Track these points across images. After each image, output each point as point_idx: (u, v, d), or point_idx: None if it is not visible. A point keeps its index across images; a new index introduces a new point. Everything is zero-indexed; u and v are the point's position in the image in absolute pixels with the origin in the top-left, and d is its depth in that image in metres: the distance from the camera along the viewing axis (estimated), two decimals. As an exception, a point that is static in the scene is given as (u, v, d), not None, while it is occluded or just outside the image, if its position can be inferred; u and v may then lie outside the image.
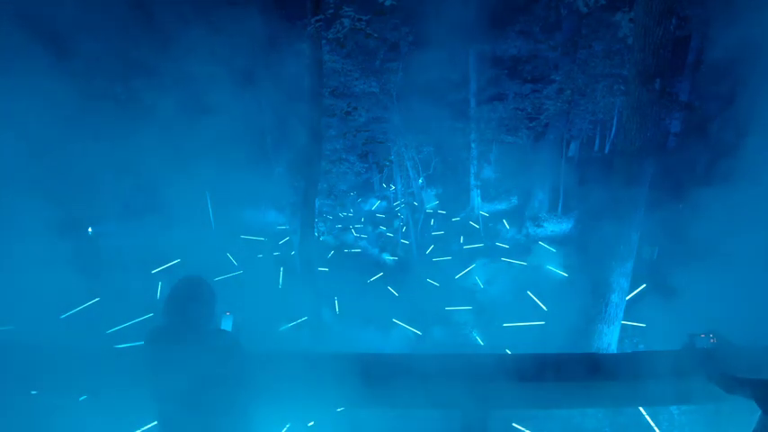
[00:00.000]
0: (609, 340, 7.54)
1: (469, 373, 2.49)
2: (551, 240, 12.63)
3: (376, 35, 8.95)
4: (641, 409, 6.71)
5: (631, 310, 8.38)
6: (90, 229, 11.92)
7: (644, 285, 9.39)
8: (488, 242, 13.23)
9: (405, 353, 8.52)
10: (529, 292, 10.31)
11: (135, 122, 10.38)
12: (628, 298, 7.64)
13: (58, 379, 2.67)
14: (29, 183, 9.74)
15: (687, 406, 6.72)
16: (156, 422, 2.42)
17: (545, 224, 13.45)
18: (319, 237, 12.24)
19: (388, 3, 7.42)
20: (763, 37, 7.73)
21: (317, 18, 7.36)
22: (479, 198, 15.08)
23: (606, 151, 15.53)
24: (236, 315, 2.66)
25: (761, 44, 7.92)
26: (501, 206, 15.78)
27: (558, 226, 13.53)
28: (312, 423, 7.17)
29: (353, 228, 14.41)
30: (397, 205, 15.72)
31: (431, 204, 16.37)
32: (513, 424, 6.76)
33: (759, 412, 2.17)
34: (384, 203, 17.01)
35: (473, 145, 14.46)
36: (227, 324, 2.63)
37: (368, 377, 2.49)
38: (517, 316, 9.78)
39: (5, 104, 9.22)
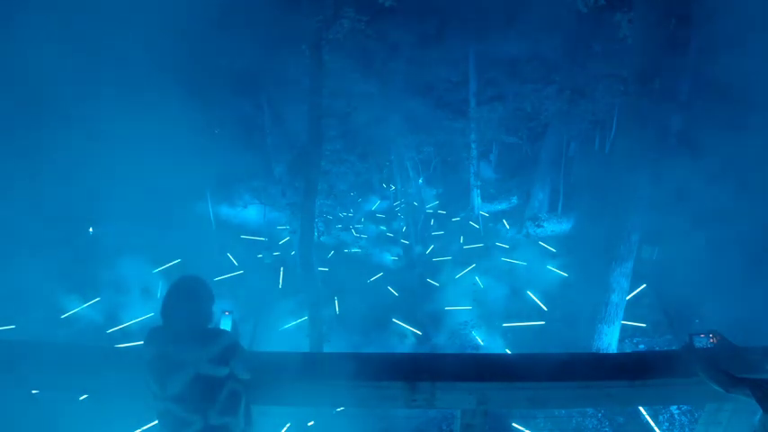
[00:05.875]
0: (609, 340, 7.55)
1: (469, 373, 2.48)
2: (551, 240, 12.63)
3: (375, 36, 8.96)
4: (641, 409, 6.72)
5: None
6: (91, 230, 11.92)
7: (644, 285, 9.39)
8: (488, 242, 13.22)
9: (403, 353, 8.53)
10: (529, 292, 10.31)
11: (134, 123, 10.37)
12: (628, 298, 7.64)
13: (58, 378, 2.66)
14: (30, 183, 9.76)
15: (687, 406, 6.74)
16: (156, 422, 2.41)
17: (545, 224, 13.43)
18: (319, 237, 12.23)
19: (387, 3, 7.42)
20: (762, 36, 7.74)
21: (318, 19, 7.36)
22: (479, 198, 15.07)
23: (606, 151, 15.51)
24: (236, 315, 2.65)
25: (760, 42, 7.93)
26: (501, 206, 15.77)
27: (558, 226, 13.52)
28: (312, 423, 7.18)
29: (353, 228, 14.40)
30: (397, 205, 15.70)
31: (431, 204, 16.37)
32: (513, 424, 6.77)
33: (760, 412, 2.17)
34: (384, 203, 17.00)
35: (473, 145, 14.45)
36: (226, 324, 2.63)
37: (367, 377, 2.49)
38: (517, 316, 9.78)
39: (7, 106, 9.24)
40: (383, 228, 15.42)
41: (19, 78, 9.16)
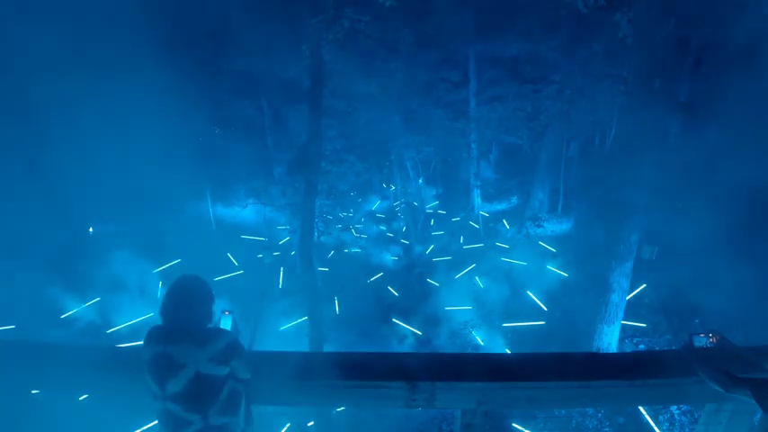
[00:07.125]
0: (609, 340, 7.54)
1: (469, 373, 2.48)
2: (551, 240, 12.62)
3: (375, 36, 8.95)
4: (641, 409, 6.72)
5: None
6: (91, 229, 11.93)
7: (644, 285, 9.38)
8: (488, 242, 13.21)
9: (403, 353, 8.53)
10: (529, 292, 10.31)
11: (135, 123, 10.38)
12: (628, 298, 7.64)
13: (58, 378, 2.66)
14: (30, 183, 9.77)
15: (687, 406, 6.74)
16: (156, 422, 2.41)
17: (545, 224, 13.43)
18: (319, 237, 12.24)
19: (387, 3, 7.41)
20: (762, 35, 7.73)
21: (317, 19, 7.35)
22: (479, 198, 15.07)
23: (606, 151, 15.52)
24: (236, 315, 2.65)
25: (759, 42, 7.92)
26: (501, 206, 15.77)
27: (558, 226, 13.51)
28: (312, 423, 7.18)
29: (353, 228, 14.40)
30: (397, 205, 15.71)
31: (431, 204, 16.37)
32: (513, 424, 6.77)
33: (760, 412, 2.17)
34: (384, 203, 17.00)
35: (473, 145, 14.45)
36: (226, 324, 2.63)
37: (367, 377, 2.49)
38: (517, 316, 9.77)
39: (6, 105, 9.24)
40: (383, 228, 15.42)
41: (20, 77, 9.17)
